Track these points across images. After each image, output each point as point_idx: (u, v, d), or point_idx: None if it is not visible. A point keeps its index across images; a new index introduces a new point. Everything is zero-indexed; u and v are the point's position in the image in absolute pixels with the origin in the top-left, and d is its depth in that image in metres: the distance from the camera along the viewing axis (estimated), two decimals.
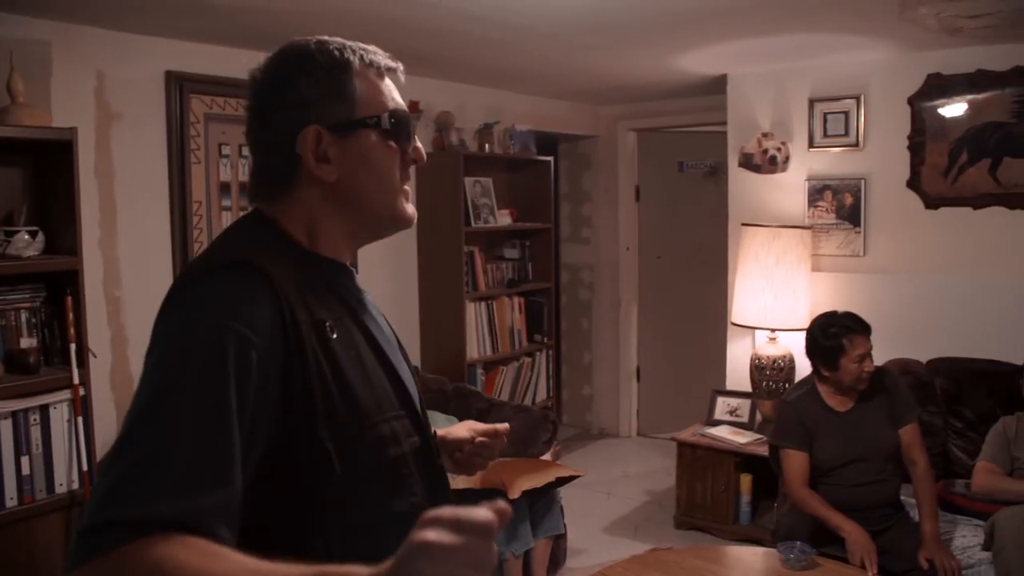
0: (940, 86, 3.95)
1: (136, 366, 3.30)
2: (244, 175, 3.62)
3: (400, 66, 1.16)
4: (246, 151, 3.53)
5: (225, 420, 0.90)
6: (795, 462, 3.14)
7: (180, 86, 3.35)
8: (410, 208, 1.16)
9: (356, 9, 2.96)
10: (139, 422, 0.90)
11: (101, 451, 3.05)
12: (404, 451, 1.10)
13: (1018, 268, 3.86)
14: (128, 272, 3.28)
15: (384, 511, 1.07)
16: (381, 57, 1.13)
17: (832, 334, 3.12)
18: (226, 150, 3.54)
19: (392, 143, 1.12)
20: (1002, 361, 3.66)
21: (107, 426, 3.14)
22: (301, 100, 1.07)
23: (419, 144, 1.16)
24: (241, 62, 3.50)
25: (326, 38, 1.11)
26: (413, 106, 4.33)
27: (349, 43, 1.11)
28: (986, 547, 2.95)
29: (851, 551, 2.86)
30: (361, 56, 1.10)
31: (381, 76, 1.13)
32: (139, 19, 3.09)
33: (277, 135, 1.08)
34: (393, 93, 1.14)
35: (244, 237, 1.09)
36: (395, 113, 1.12)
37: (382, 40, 1.16)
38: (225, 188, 3.55)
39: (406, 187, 1.15)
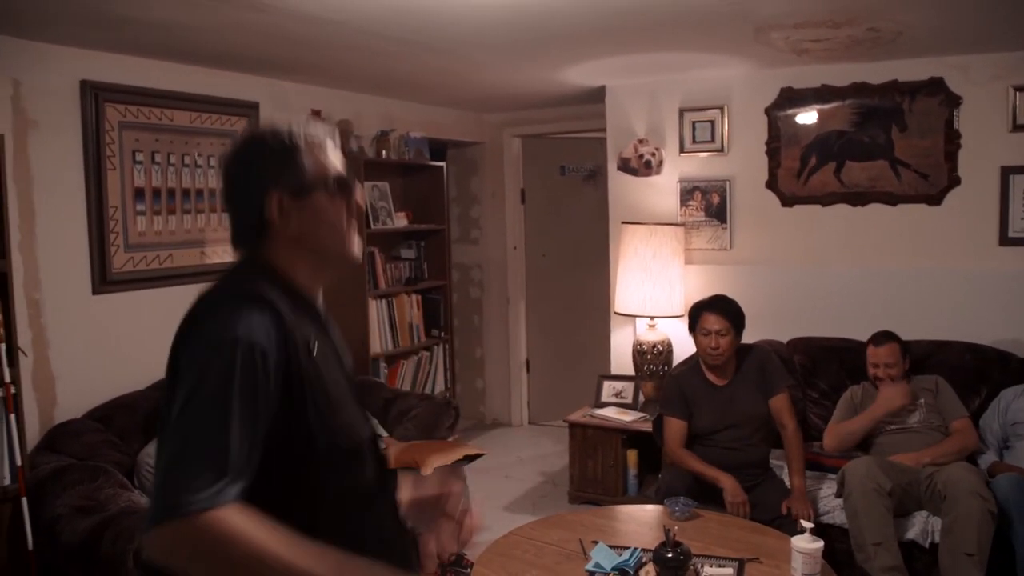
0: (792, 98, 4.48)
1: (57, 366, 3.39)
2: (157, 180, 3.75)
3: (336, 135, 1.50)
4: (159, 157, 3.73)
5: (256, 416, 1.21)
6: (674, 428, 3.60)
7: (95, 95, 3.45)
8: (356, 250, 1.47)
9: (262, 23, 3.13)
10: (201, 416, 1.19)
11: (30, 447, 3.15)
12: (362, 436, 1.42)
13: (860, 257, 4.42)
14: (47, 275, 3.35)
15: (350, 487, 1.38)
16: (319, 131, 1.45)
17: (692, 310, 3.64)
18: (140, 156, 3.66)
19: (338, 199, 1.43)
20: (850, 339, 4.19)
21: (32, 424, 3.23)
22: (264, 174, 1.38)
23: (359, 197, 1.48)
24: (153, 72, 3.68)
25: (278, 126, 1.42)
26: (316, 114, 4.53)
27: (295, 127, 1.42)
28: (838, 494, 3.43)
29: (731, 496, 3.35)
30: (305, 137, 1.41)
31: (323, 147, 1.43)
32: (55, 29, 3.18)
33: (249, 201, 1.39)
34: (333, 158, 1.45)
35: (250, 275, 1.38)
36: (337, 177, 1.43)
37: (283, 53, 1.46)
38: (139, 193, 3.66)
39: (354, 233, 1.46)
